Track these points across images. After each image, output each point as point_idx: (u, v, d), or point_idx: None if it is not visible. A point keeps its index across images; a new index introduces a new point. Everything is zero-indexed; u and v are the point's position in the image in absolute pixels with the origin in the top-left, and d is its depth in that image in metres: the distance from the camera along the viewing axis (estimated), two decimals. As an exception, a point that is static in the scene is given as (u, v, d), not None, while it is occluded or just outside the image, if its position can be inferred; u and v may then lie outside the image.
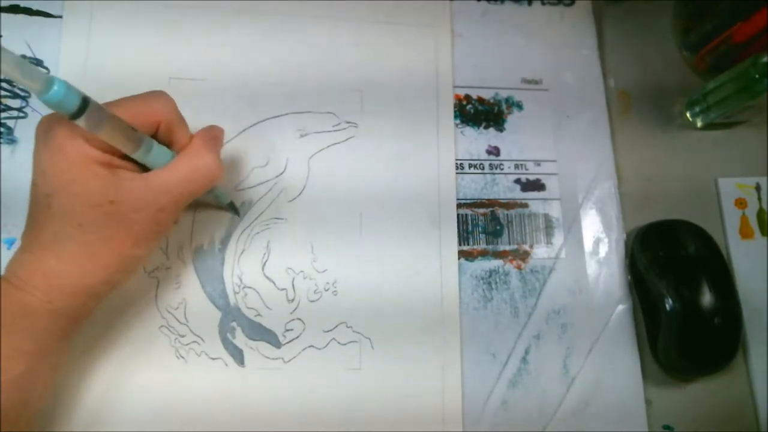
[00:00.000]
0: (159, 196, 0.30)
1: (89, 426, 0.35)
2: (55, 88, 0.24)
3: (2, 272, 0.29)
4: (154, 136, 0.31)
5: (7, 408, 0.28)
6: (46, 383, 0.31)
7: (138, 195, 0.29)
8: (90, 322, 0.32)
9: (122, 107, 0.29)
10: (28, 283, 0.28)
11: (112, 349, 0.36)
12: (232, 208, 0.39)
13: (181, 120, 0.32)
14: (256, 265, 0.39)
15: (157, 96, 0.31)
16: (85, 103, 0.25)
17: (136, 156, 0.29)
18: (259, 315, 0.39)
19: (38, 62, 0.40)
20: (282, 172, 0.41)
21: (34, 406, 0.30)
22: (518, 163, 0.45)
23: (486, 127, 0.45)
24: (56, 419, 0.35)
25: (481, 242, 0.43)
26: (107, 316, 0.36)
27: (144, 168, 0.31)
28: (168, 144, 0.32)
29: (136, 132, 0.29)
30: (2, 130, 0.39)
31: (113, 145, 0.28)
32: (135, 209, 0.29)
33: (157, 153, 0.30)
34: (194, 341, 0.37)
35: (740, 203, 0.45)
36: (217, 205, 0.39)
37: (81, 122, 0.26)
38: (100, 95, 0.32)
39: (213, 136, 0.33)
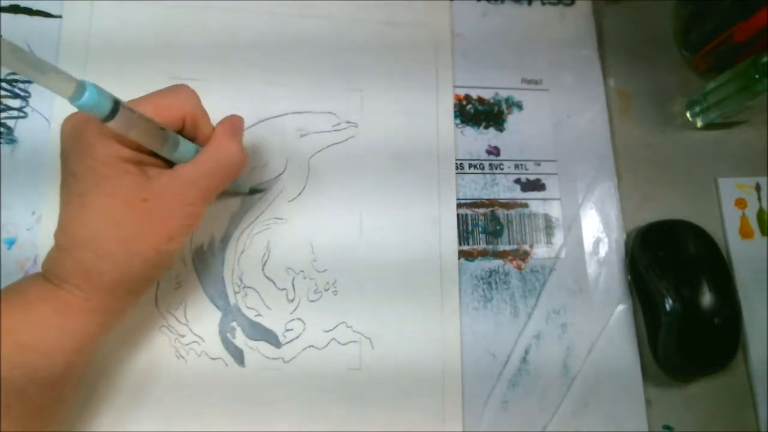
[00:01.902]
0: (188, 190, 0.30)
1: (88, 425, 0.35)
2: (87, 93, 0.24)
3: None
4: (181, 130, 0.31)
5: (44, 405, 0.28)
6: (80, 378, 0.31)
7: (169, 191, 0.29)
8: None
9: (147, 104, 0.29)
10: (68, 282, 0.29)
11: (112, 348, 0.36)
12: (255, 191, 0.40)
13: (204, 113, 0.32)
14: (256, 265, 0.39)
15: (181, 90, 0.31)
16: (117, 105, 0.25)
17: (164, 153, 0.30)
18: (259, 315, 0.39)
19: (38, 62, 0.40)
20: (282, 172, 0.41)
21: (69, 402, 0.31)
22: (518, 163, 0.45)
23: (486, 127, 0.45)
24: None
25: (481, 242, 0.43)
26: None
27: (170, 163, 0.31)
28: (193, 138, 0.32)
29: (164, 130, 0.29)
30: (2, 130, 0.39)
31: (143, 144, 0.28)
32: (167, 206, 0.29)
33: (183, 149, 0.31)
34: (194, 341, 0.37)
35: (740, 203, 0.45)
36: (238, 192, 0.39)
37: (111, 124, 0.26)
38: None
39: (233, 125, 0.33)
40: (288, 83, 0.43)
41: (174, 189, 0.30)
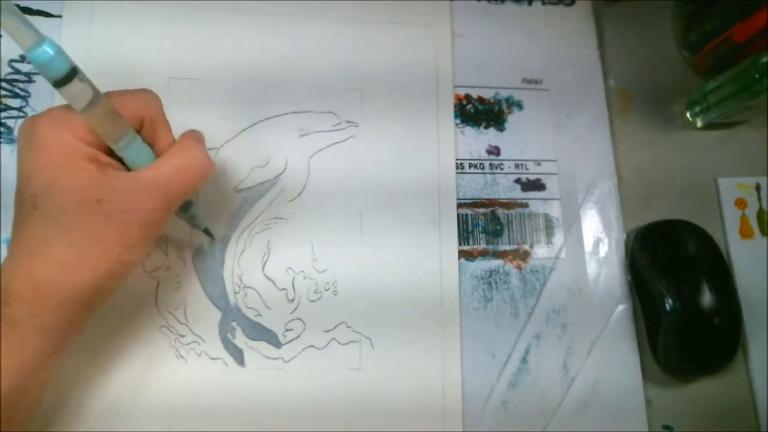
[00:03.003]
0: (148, 194, 0.28)
1: (88, 426, 0.35)
2: (45, 47, 0.23)
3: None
4: (138, 132, 0.30)
5: None
6: (33, 400, 0.29)
7: (126, 194, 0.28)
8: (90, 322, 0.31)
9: (108, 96, 0.28)
10: (14, 294, 0.27)
11: (112, 349, 0.36)
12: (207, 233, 0.38)
13: (166, 121, 0.31)
14: (256, 265, 0.39)
15: (144, 92, 0.30)
16: (74, 72, 0.24)
17: (117, 147, 0.28)
18: (259, 315, 0.38)
19: (38, 62, 0.40)
20: (282, 172, 0.41)
21: (21, 421, 0.29)
22: (518, 162, 0.45)
23: (486, 127, 0.45)
24: (54, 419, 0.35)
25: (481, 242, 0.43)
26: (107, 316, 0.36)
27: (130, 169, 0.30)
28: (150, 143, 0.31)
29: (120, 119, 0.28)
30: (2, 130, 0.39)
31: (96, 130, 0.27)
32: (123, 209, 0.27)
33: (138, 150, 0.29)
34: (194, 341, 0.37)
35: (740, 203, 0.45)
36: (193, 226, 0.38)
37: (67, 93, 0.24)
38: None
39: (196, 136, 0.32)
40: (288, 83, 0.43)
41: (132, 191, 0.28)
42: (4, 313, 0.26)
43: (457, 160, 0.43)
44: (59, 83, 0.24)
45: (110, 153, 0.29)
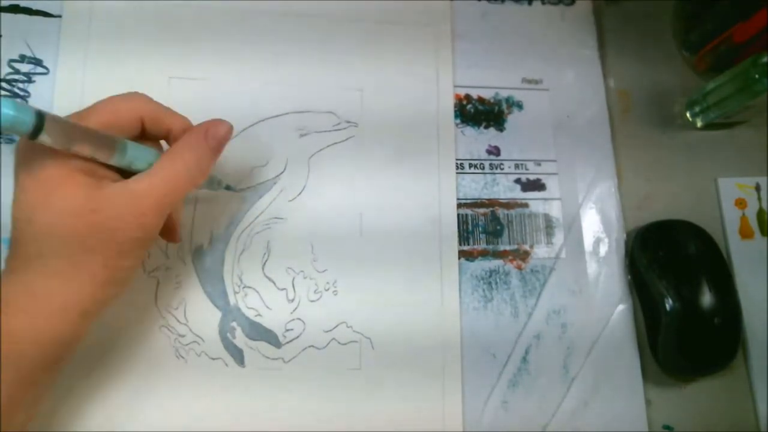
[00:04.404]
0: (139, 200, 0.28)
1: (88, 426, 0.35)
2: (3, 110, 0.22)
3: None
4: (143, 133, 0.30)
5: None
6: (28, 414, 0.29)
7: (118, 201, 0.28)
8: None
9: (98, 109, 0.28)
10: (13, 306, 0.27)
11: (111, 348, 0.36)
12: (228, 188, 0.38)
13: (165, 109, 0.31)
14: (256, 265, 0.39)
15: (132, 94, 0.30)
16: (41, 118, 0.23)
17: (114, 161, 0.28)
18: (259, 315, 0.38)
19: (38, 62, 0.40)
20: (282, 172, 0.41)
21: (19, 429, 0.29)
22: (518, 162, 0.45)
23: (486, 127, 0.45)
24: (55, 419, 0.35)
25: (481, 242, 0.43)
26: (107, 316, 0.36)
27: (130, 173, 0.30)
28: (165, 136, 0.31)
29: (107, 136, 0.28)
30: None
31: (90, 156, 0.27)
32: (116, 216, 0.27)
33: (135, 155, 0.29)
34: (194, 341, 0.37)
35: (740, 203, 0.45)
36: (212, 189, 0.38)
37: (46, 140, 0.24)
38: (99, 94, 0.32)
39: (208, 132, 0.31)
40: (288, 83, 0.43)
41: (124, 198, 0.28)
42: (4, 324, 0.26)
43: (457, 160, 0.43)
44: (34, 134, 0.24)
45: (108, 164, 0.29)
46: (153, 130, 0.31)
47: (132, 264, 0.30)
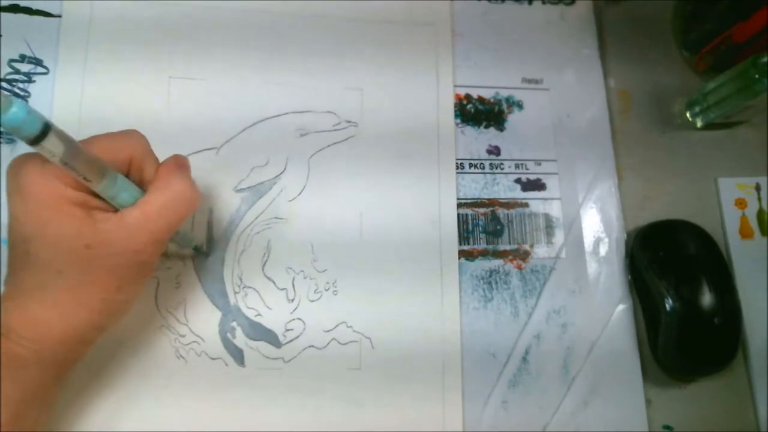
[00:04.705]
0: (135, 235, 0.28)
1: (89, 426, 0.35)
2: (14, 109, 0.22)
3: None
4: (126, 174, 0.30)
5: None
6: (32, 425, 0.30)
7: (113, 236, 0.28)
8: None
9: (90, 142, 0.28)
10: (15, 332, 0.27)
11: (111, 348, 0.36)
12: (198, 251, 0.38)
13: (153, 157, 0.31)
14: (256, 265, 0.39)
15: (129, 133, 0.30)
16: (47, 127, 0.24)
17: (102, 188, 0.28)
18: (259, 315, 0.38)
19: (38, 61, 0.40)
20: (282, 172, 0.41)
21: None
22: (518, 162, 0.45)
23: (486, 127, 0.45)
24: (55, 420, 0.35)
25: (481, 242, 0.43)
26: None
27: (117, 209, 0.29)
28: (139, 182, 0.30)
29: (102, 162, 0.27)
30: (2, 129, 0.39)
31: (77, 175, 0.27)
32: (112, 253, 0.28)
33: (123, 187, 0.29)
34: (194, 341, 0.37)
35: (740, 203, 0.45)
36: (181, 250, 0.38)
37: (46, 147, 0.24)
38: (99, 94, 0.32)
39: (179, 163, 0.31)
40: (288, 83, 0.42)
41: (119, 234, 0.28)
42: (7, 349, 0.27)
43: (457, 159, 0.43)
44: (35, 141, 0.24)
45: (99, 195, 0.29)
46: (134, 174, 0.30)
47: (130, 293, 0.30)
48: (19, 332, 0.27)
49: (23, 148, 0.39)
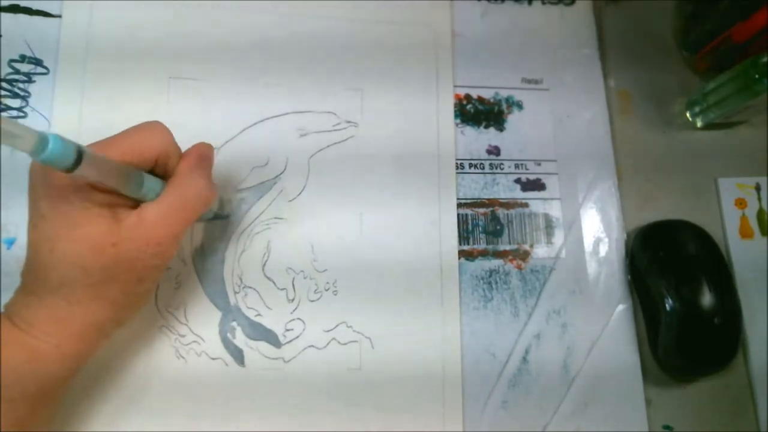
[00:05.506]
0: (154, 230, 0.29)
1: (89, 426, 0.35)
2: (51, 146, 0.22)
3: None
4: (152, 168, 0.31)
5: None
6: (46, 421, 0.31)
7: (135, 233, 0.29)
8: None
9: (117, 144, 0.29)
10: (39, 329, 0.28)
11: (111, 348, 0.36)
12: (218, 217, 0.39)
13: (177, 150, 0.31)
14: (256, 265, 0.39)
15: (153, 128, 0.30)
16: (80, 154, 0.24)
17: (128, 192, 0.29)
18: (259, 315, 0.38)
19: (38, 62, 0.40)
20: (282, 172, 0.41)
21: None
22: (518, 162, 0.45)
23: (486, 127, 0.45)
24: (54, 419, 0.34)
25: (481, 242, 0.43)
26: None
27: (138, 201, 0.30)
28: (164, 174, 0.31)
29: (129, 169, 0.28)
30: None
31: (105, 186, 0.27)
32: (135, 248, 0.29)
33: (149, 186, 0.30)
34: (194, 341, 0.37)
35: (740, 203, 0.45)
36: (200, 219, 0.38)
37: (79, 173, 0.25)
38: (100, 95, 0.32)
39: (200, 155, 0.32)
40: (288, 83, 0.42)
41: (140, 230, 0.29)
42: (29, 345, 0.28)
43: (457, 160, 0.43)
44: (71, 169, 0.24)
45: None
46: (159, 167, 0.31)
47: (149, 287, 0.31)
48: (43, 328, 0.28)
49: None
